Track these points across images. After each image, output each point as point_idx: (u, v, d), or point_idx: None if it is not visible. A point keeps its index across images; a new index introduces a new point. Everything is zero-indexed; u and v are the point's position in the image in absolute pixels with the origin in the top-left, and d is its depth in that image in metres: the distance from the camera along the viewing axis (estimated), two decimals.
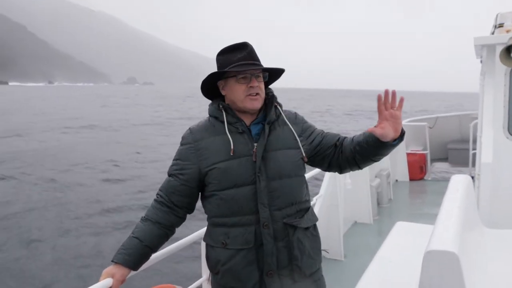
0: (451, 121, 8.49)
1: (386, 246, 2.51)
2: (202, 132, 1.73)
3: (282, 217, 1.67)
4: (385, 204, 5.81)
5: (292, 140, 1.74)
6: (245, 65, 1.67)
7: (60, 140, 21.01)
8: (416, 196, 6.71)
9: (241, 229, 1.66)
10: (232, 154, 1.65)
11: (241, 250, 1.66)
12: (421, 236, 1.89)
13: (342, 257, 4.07)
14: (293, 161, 1.72)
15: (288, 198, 1.69)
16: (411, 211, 5.76)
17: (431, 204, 5.75)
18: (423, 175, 7.48)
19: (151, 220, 1.71)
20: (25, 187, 11.52)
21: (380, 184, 5.68)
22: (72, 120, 31.14)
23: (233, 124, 1.70)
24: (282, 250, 1.67)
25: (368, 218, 5.09)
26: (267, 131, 1.70)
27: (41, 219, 8.86)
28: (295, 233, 1.69)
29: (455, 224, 1.41)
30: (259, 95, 1.70)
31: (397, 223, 2.89)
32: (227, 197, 1.66)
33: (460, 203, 1.63)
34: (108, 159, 16.06)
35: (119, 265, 1.63)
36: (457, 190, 1.79)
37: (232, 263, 1.67)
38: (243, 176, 1.65)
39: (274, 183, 1.67)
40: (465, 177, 2.00)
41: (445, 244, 1.21)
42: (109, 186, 12.09)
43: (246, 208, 1.65)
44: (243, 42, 1.72)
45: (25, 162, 15.00)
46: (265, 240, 1.65)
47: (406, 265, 2.13)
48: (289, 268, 1.69)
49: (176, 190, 1.72)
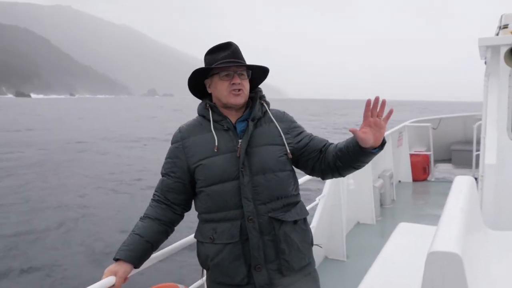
0: (455, 122, 8.43)
1: (389, 247, 2.51)
2: (189, 131, 1.79)
3: (267, 211, 1.69)
4: (388, 204, 5.81)
5: (277, 137, 1.77)
6: (228, 63, 1.72)
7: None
8: (419, 197, 6.66)
9: (227, 223, 1.69)
10: (216, 151, 1.70)
11: (228, 244, 1.68)
12: (424, 237, 1.88)
13: (345, 258, 4.08)
14: (277, 156, 1.74)
15: (273, 192, 1.71)
16: (414, 212, 5.74)
17: (434, 205, 5.75)
18: (426, 176, 7.43)
19: (150, 217, 1.75)
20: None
21: (383, 184, 5.68)
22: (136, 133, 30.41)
23: (219, 122, 1.76)
24: (268, 244, 1.69)
25: (371, 219, 5.09)
26: (251, 127, 1.74)
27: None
28: (281, 227, 1.71)
29: (458, 225, 1.40)
30: (242, 91, 1.74)
31: (400, 224, 2.90)
32: (213, 193, 1.70)
33: (464, 205, 1.63)
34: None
35: (121, 261, 1.65)
36: (460, 192, 1.79)
37: (219, 258, 1.70)
38: (227, 172, 1.69)
39: (257, 178, 1.69)
40: (469, 179, 2.00)
41: (448, 246, 1.20)
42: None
43: (231, 203, 1.68)
44: (228, 42, 1.79)
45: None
46: (251, 234, 1.67)
47: (408, 266, 2.13)
48: (277, 262, 1.70)
49: (171, 188, 1.77)
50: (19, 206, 10.42)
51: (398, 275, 2.17)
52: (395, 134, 6.88)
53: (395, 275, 2.18)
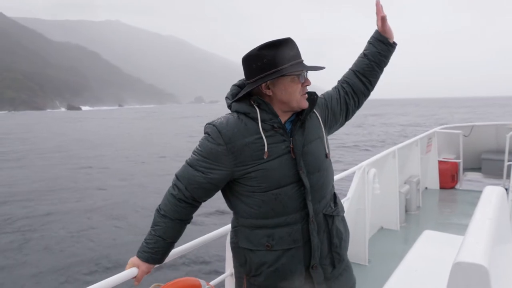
0: (487, 130, 8.16)
1: (412, 254, 2.48)
2: (234, 132, 1.61)
3: (321, 209, 1.69)
4: (413, 211, 5.74)
5: (319, 129, 1.76)
6: (301, 65, 1.64)
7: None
8: (446, 205, 6.50)
9: (286, 229, 1.64)
10: (266, 157, 1.60)
11: (288, 250, 1.64)
12: (449, 246, 1.87)
13: (366, 262, 4.06)
14: (323, 150, 1.73)
15: (325, 189, 1.71)
16: (439, 220, 5.60)
17: (461, 214, 5.67)
18: (454, 184, 7.28)
19: (169, 217, 1.68)
20: None
21: (409, 190, 5.61)
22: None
23: (268, 121, 1.64)
24: (324, 242, 1.70)
25: (395, 225, 5.04)
26: (305, 127, 1.70)
27: None
28: (334, 222, 1.73)
29: (486, 236, 1.36)
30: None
31: (425, 231, 2.86)
32: (269, 198, 1.62)
33: (493, 215, 1.59)
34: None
35: (144, 262, 1.67)
36: (490, 202, 1.75)
37: (279, 264, 1.65)
38: (286, 175, 1.62)
39: (313, 177, 1.66)
40: (499, 189, 1.95)
41: (475, 256, 1.16)
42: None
43: (291, 207, 1.63)
44: (288, 38, 1.63)
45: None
46: (312, 236, 1.65)
47: (432, 275, 2.10)
48: (330, 256, 1.72)
49: (201, 187, 1.66)
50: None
51: (421, 284, 2.13)
52: (424, 140, 6.72)
53: (417, 283, 2.14)
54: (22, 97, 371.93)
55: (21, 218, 10.76)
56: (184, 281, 1.84)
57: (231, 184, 1.69)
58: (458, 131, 7.60)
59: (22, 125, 67.20)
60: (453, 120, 45.44)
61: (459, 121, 37.02)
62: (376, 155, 4.65)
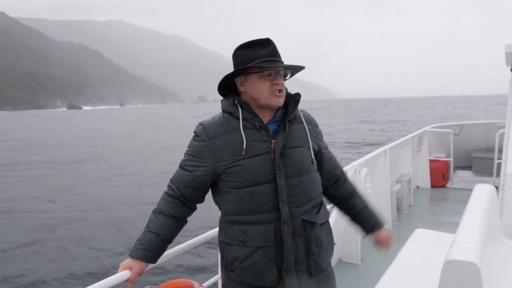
0: (477, 129, 8.35)
1: (404, 252, 2.49)
2: (217, 130, 1.70)
3: (300, 214, 1.69)
4: (405, 210, 5.81)
5: (306, 138, 1.77)
6: (271, 62, 1.66)
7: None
8: (437, 203, 6.61)
9: (260, 227, 1.66)
10: (245, 154, 1.65)
11: (261, 247, 1.66)
12: (440, 245, 1.90)
13: (359, 261, 4.08)
14: (307, 157, 1.74)
15: (306, 194, 1.71)
16: (431, 219, 5.70)
17: (452, 213, 5.73)
18: (445, 183, 7.40)
19: (164, 213, 1.73)
20: None
21: (400, 189, 5.67)
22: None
23: (249, 120, 1.69)
24: (300, 247, 1.69)
25: (387, 224, 5.03)
26: (287, 128, 1.72)
27: None
28: (313, 229, 1.71)
29: (476, 234, 1.39)
30: (282, 92, 1.70)
31: (417, 230, 2.87)
32: (245, 195, 1.66)
33: (483, 213, 1.61)
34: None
35: (137, 259, 1.68)
36: (480, 200, 1.78)
37: (251, 260, 1.68)
38: (262, 174, 1.65)
39: (293, 180, 1.68)
40: (489, 187, 1.99)
41: (466, 254, 1.19)
42: None
43: (266, 206, 1.66)
44: (267, 38, 1.71)
45: None
46: (285, 238, 1.66)
47: (424, 273, 2.12)
48: (306, 264, 1.71)
49: (189, 185, 1.73)
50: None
51: (413, 282, 2.14)
52: (415, 139, 6.79)
53: (409, 281, 2.16)
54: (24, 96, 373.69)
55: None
56: (177, 283, 1.82)
57: (215, 181, 1.74)
58: (448, 130, 7.67)
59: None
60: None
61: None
62: (367, 155, 4.68)
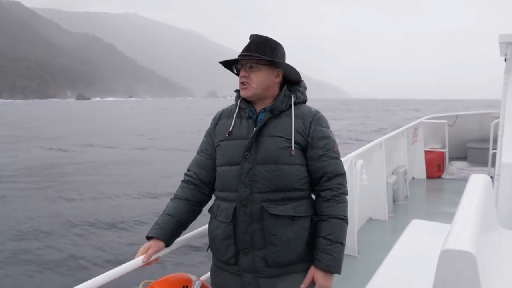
0: (472, 119, 8.45)
1: (401, 243, 2.52)
2: (222, 114, 1.95)
3: (261, 200, 1.74)
4: (401, 201, 5.82)
5: (289, 131, 1.79)
6: (236, 57, 1.85)
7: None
8: (433, 194, 6.67)
9: (226, 203, 1.81)
10: (228, 135, 1.83)
11: (224, 223, 1.80)
12: (436, 235, 1.91)
13: (356, 253, 4.12)
14: (283, 148, 1.76)
15: (271, 183, 1.75)
16: (427, 209, 5.72)
17: (448, 203, 5.81)
18: (440, 173, 7.44)
19: (179, 198, 1.90)
20: None
21: (396, 181, 5.70)
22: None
23: (244, 109, 1.87)
24: (257, 232, 1.75)
25: (384, 215, 5.10)
26: (266, 117, 1.80)
27: None
28: (270, 218, 1.74)
29: (472, 224, 1.40)
30: (249, 84, 1.81)
31: (413, 221, 2.90)
32: (221, 172, 1.84)
33: (479, 203, 1.63)
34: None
35: (154, 239, 1.81)
36: (475, 190, 1.79)
37: (215, 233, 1.84)
38: (235, 156, 1.79)
39: (259, 167, 1.75)
40: (484, 177, 2.00)
41: (462, 244, 1.20)
42: None
43: (231, 185, 1.79)
44: (250, 35, 1.86)
45: None
46: (240, 218, 1.76)
47: (420, 263, 2.14)
48: (264, 251, 1.75)
49: (203, 165, 1.92)
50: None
51: (410, 272, 2.17)
52: (410, 131, 6.85)
53: (406, 271, 2.19)
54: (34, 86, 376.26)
55: None
56: (175, 277, 1.86)
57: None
58: (443, 121, 7.74)
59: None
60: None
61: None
62: (363, 147, 4.71)
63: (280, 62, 1.84)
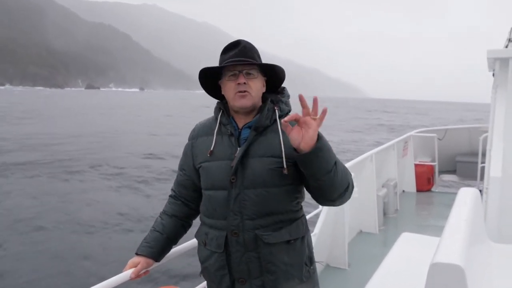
0: (461, 133, 8.61)
1: (391, 256, 2.52)
2: (200, 130, 1.79)
3: (253, 227, 1.62)
4: (391, 214, 5.87)
5: (277, 149, 1.62)
6: (228, 63, 1.63)
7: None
8: (422, 207, 6.74)
9: (215, 232, 1.68)
10: (210, 156, 1.68)
11: (215, 253, 1.69)
12: (426, 248, 1.90)
13: (346, 266, 4.11)
14: (272, 170, 1.61)
15: (261, 209, 1.62)
16: (417, 222, 5.78)
17: (437, 216, 5.87)
18: (430, 187, 7.54)
19: (167, 214, 1.85)
20: None
21: (386, 194, 5.76)
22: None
23: (225, 125, 1.71)
24: (253, 260, 1.64)
25: (374, 228, 5.13)
26: (251, 136, 1.65)
27: None
28: (266, 246, 1.63)
29: (461, 237, 1.41)
30: (248, 93, 1.63)
31: (403, 234, 2.91)
32: (206, 197, 1.72)
33: (468, 217, 1.63)
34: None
35: (143, 256, 1.77)
36: (464, 203, 1.80)
37: (207, 263, 1.73)
38: (218, 180, 1.65)
39: (248, 192, 1.62)
40: (473, 191, 2.01)
41: (451, 257, 1.21)
42: None
43: (219, 213, 1.66)
44: (237, 40, 1.70)
45: None
46: (233, 248, 1.64)
47: (410, 276, 2.14)
48: (261, 279, 1.65)
49: (182, 184, 1.83)
50: None
51: (400, 285, 2.17)
52: (400, 144, 6.96)
53: (396, 284, 2.18)
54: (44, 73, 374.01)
55: None
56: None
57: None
58: (433, 134, 7.86)
59: None
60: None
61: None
62: (353, 160, 4.74)
63: (280, 68, 1.71)
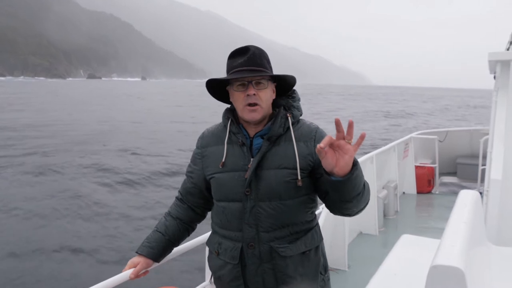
0: (462, 135, 8.58)
1: (391, 258, 2.53)
2: (209, 139, 1.74)
3: (269, 239, 1.61)
4: (391, 216, 5.87)
5: (292, 159, 1.59)
6: (240, 72, 1.57)
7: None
8: (423, 209, 6.72)
9: (229, 243, 1.67)
10: (222, 167, 1.64)
11: (229, 263, 1.67)
12: (426, 250, 1.94)
13: (346, 268, 4.14)
14: (287, 182, 1.58)
15: (276, 221, 1.61)
16: (417, 224, 5.78)
17: (438, 218, 5.88)
18: (430, 189, 7.50)
19: (172, 216, 1.83)
20: None
21: (387, 195, 5.74)
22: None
23: (236, 134, 1.65)
24: (268, 272, 1.64)
25: (374, 230, 5.14)
26: (265, 147, 1.60)
27: None
28: (282, 259, 1.62)
29: (461, 239, 1.40)
30: (259, 106, 1.58)
31: (403, 235, 2.92)
32: (219, 209, 1.69)
33: (468, 219, 1.63)
34: None
35: (143, 256, 1.77)
36: (465, 206, 1.80)
37: (221, 273, 1.71)
38: (233, 192, 1.62)
39: (262, 204, 1.60)
40: (474, 193, 2.00)
41: (451, 260, 1.20)
42: None
43: (234, 224, 1.64)
44: (246, 47, 1.62)
45: None
46: (249, 260, 1.63)
47: (410, 278, 2.16)
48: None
49: (189, 191, 1.81)
50: None
51: (400, 287, 2.19)
52: (401, 146, 6.96)
53: (396, 286, 2.20)
54: (45, 64, 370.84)
55: None
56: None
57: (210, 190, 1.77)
58: (434, 136, 7.81)
59: None
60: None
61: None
62: None
63: (291, 77, 1.65)
